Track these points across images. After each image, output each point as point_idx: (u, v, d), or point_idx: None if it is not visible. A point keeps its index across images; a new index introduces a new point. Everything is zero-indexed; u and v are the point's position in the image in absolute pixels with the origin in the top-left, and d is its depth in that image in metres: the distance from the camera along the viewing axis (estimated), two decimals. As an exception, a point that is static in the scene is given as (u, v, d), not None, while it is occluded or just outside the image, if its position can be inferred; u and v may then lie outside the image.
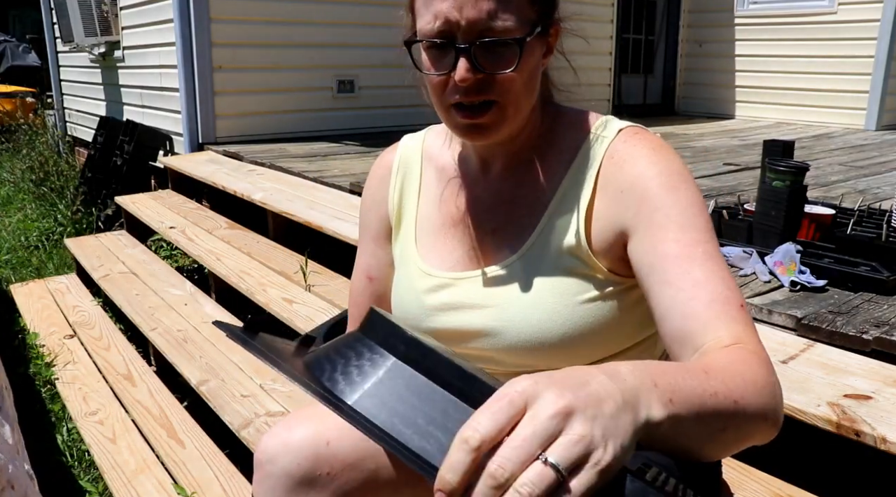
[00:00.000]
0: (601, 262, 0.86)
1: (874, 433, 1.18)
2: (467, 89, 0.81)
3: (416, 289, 0.97)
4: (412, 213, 1.01)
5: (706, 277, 0.75)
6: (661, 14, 6.90)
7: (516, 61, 0.81)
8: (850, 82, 5.73)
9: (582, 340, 0.86)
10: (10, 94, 9.08)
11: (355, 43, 4.65)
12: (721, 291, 0.75)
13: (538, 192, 0.91)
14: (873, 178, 3.47)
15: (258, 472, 0.98)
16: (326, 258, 2.72)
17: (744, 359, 0.66)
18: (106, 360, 2.69)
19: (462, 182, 0.98)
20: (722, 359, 0.66)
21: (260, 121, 4.47)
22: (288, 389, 2.05)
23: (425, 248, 0.99)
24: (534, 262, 0.89)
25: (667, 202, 0.81)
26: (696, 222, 0.79)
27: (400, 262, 1.02)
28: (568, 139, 0.92)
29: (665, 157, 0.85)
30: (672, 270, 0.77)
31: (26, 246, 4.53)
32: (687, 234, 0.79)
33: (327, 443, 0.95)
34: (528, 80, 0.85)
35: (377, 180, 1.07)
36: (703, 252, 0.77)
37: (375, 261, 1.07)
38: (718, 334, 0.72)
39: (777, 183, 2.02)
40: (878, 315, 1.61)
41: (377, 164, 1.08)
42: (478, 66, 0.80)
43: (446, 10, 0.79)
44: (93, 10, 5.09)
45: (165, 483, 1.92)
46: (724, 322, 0.72)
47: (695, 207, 0.81)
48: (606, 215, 0.86)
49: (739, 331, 0.72)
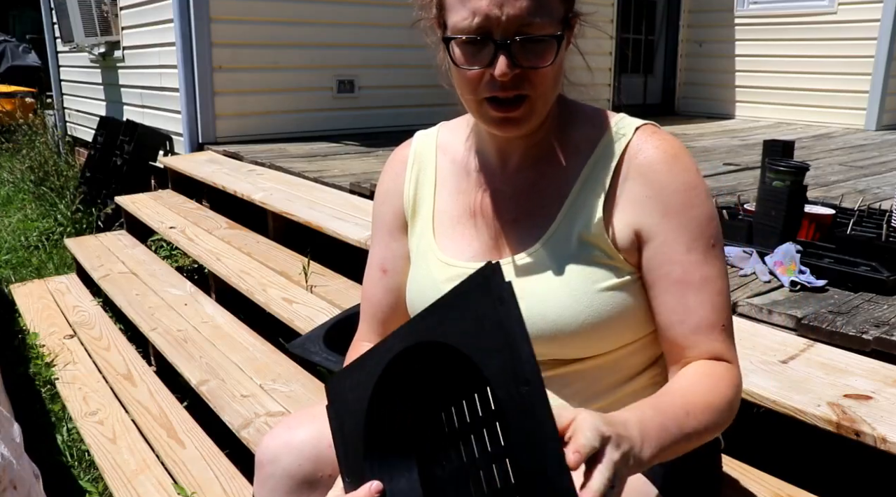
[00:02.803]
0: (621, 251, 0.90)
1: (874, 433, 1.18)
2: (504, 84, 0.83)
3: (436, 279, 0.97)
4: (429, 207, 1.02)
5: (698, 304, 0.88)
6: (661, 14, 6.90)
7: (553, 57, 0.84)
8: (850, 82, 5.73)
9: (600, 328, 0.89)
10: (10, 94, 9.07)
11: (355, 43, 4.65)
12: (709, 318, 0.88)
13: (558, 183, 0.93)
14: (873, 178, 3.46)
15: (259, 472, 0.98)
16: (326, 258, 2.72)
17: (715, 385, 0.85)
18: (106, 360, 2.69)
19: (480, 174, 0.99)
20: (700, 390, 0.83)
21: (260, 121, 4.47)
22: (288, 389, 2.05)
23: (444, 240, 0.99)
24: (556, 249, 0.91)
25: (682, 221, 0.89)
26: (705, 241, 0.89)
27: (417, 255, 1.02)
28: (585, 133, 0.95)
29: (686, 167, 0.91)
30: (671, 291, 0.89)
31: (26, 246, 4.52)
32: (691, 256, 0.88)
33: (329, 444, 0.95)
34: (556, 75, 0.88)
35: (392, 175, 1.07)
36: (701, 278, 0.88)
37: (390, 253, 1.06)
38: (699, 351, 0.89)
39: (777, 183, 2.02)
40: (878, 315, 1.61)
41: (391, 159, 1.09)
42: (516, 61, 0.82)
43: (486, 6, 0.81)
44: (93, 10, 5.08)
45: (165, 483, 1.92)
46: (705, 344, 0.89)
47: (706, 222, 0.90)
48: (628, 212, 0.90)
49: (718, 349, 0.89)
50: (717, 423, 0.82)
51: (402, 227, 1.05)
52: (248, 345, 2.39)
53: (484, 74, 0.84)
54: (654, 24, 6.91)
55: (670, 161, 0.90)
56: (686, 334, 0.88)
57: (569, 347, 0.89)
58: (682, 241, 0.88)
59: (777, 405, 1.29)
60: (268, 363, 2.24)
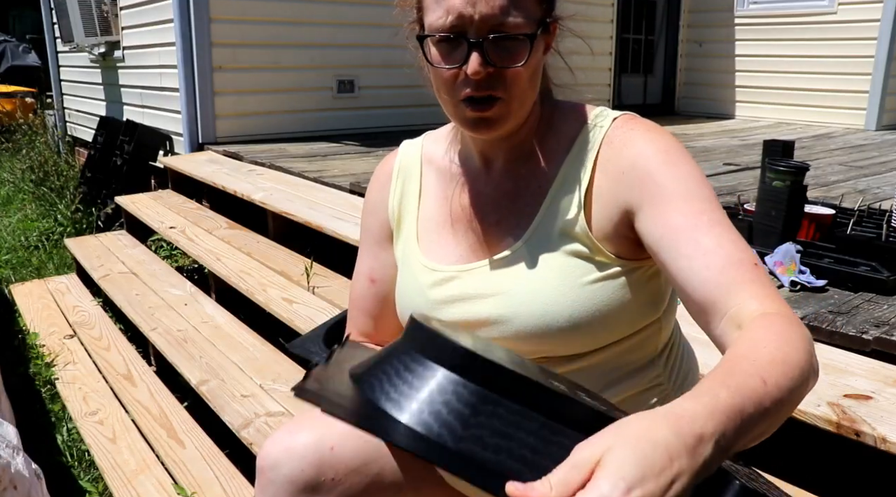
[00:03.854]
0: (603, 244, 0.89)
1: (874, 433, 1.18)
2: (478, 83, 0.84)
3: (421, 284, 0.98)
4: (413, 215, 1.03)
5: (716, 243, 0.78)
6: (661, 14, 6.90)
7: (526, 56, 0.84)
8: (850, 82, 5.73)
9: (588, 323, 0.88)
10: (10, 94, 9.07)
11: (355, 43, 4.65)
12: (732, 254, 0.77)
13: (539, 181, 0.94)
14: (873, 178, 3.46)
15: (261, 477, 0.97)
16: (326, 258, 2.72)
17: (782, 333, 0.68)
18: (106, 360, 2.69)
19: (464, 180, 1.00)
20: (770, 346, 0.66)
21: (260, 121, 4.47)
22: (288, 389, 2.05)
23: (427, 246, 1.00)
24: (537, 246, 0.91)
25: (668, 177, 0.84)
26: (699, 192, 0.83)
27: (402, 262, 1.03)
28: (565, 130, 0.95)
29: (661, 136, 0.89)
30: (682, 242, 0.79)
31: (26, 246, 4.52)
32: (690, 205, 0.82)
33: (331, 448, 0.95)
34: (531, 76, 0.88)
35: (378, 185, 1.09)
36: (709, 220, 0.80)
37: (378, 263, 1.08)
38: (740, 299, 0.74)
39: (777, 183, 2.02)
40: (878, 315, 1.61)
41: (378, 171, 1.10)
42: (489, 60, 0.83)
43: (460, 5, 0.82)
44: (93, 10, 5.08)
45: (165, 483, 1.92)
46: (742, 285, 0.75)
47: (695, 179, 0.84)
48: (608, 197, 0.88)
49: (758, 290, 0.74)
50: (801, 381, 0.65)
51: (389, 237, 1.07)
52: (248, 345, 2.39)
53: (459, 74, 0.85)
54: (654, 24, 6.91)
55: (645, 134, 0.89)
56: (716, 280, 0.75)
57: (560, 343, 0.89)
58: (676, 193, 0.82)
59: (777, 405, 1.29)
60: (268, 363, 2.24)
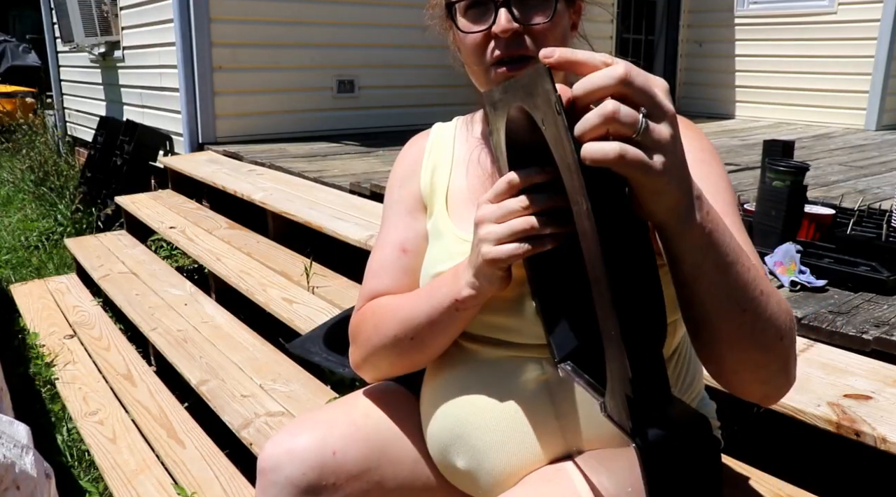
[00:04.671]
0: None
1: (874, 433, 1.18)
2: (507, 42, 0.87)
3: (453, 253, 0.96)
4: (443, 190, 1.03)
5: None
6: (661, 14, 6.90)
7: (552, 12, 0.87)
8: (850, 82, 5.73)
9: None
10: (10, 94, 9.07)
11: (355, 43, 4.65)
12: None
13: None
14: (873, 178, 3.46)
15: (261, 479, 0.96)
16: (326, 258, 2.72)
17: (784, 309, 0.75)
18: (106, 360, 2.69)
19: (489, 148, 1.00)
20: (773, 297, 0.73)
21: (260, 121, 4.47)
22: (288, 389, 2.05)
23: (458, 217, 0.99)
24: None
25: (698, 175, 0.84)
26: (724, 196, 0.88)
27: (434, 236, 1.01)
28: None
29: (698, 135, 0.94)
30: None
31: (26, 246, 4.53)
32: (714, 205, 0.83)
33: (333, 453, 0.94)
34: (560, 38, 0.90)
35: (409, 160, 1.09)
36: (730, 223, 0.83)
37: (412, 233, 1.05)
38: None
39: (777, 183, 2.02)
40: (878, 315, 1.61)
41: (409, 146, 1.11)
42: (516, 17, 0.86)
43: None
44: (93, 10, 5.08)
45: (165, 483, 1.92)
46: None
47: (722, 183, 0.89)
48: None
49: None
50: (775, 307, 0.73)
51: (423, 208, 1.05)
52: (248, 345, 2.39)
53: (488, 39, 0.88)
54: (654, 24, 6.91)
55: (685, 131, 0.88)
56: None
57: None
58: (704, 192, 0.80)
59: (777, 405, 1.29)
60: (268, 363, 2.24)
